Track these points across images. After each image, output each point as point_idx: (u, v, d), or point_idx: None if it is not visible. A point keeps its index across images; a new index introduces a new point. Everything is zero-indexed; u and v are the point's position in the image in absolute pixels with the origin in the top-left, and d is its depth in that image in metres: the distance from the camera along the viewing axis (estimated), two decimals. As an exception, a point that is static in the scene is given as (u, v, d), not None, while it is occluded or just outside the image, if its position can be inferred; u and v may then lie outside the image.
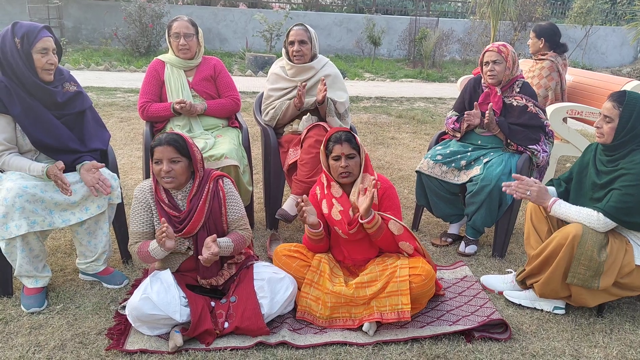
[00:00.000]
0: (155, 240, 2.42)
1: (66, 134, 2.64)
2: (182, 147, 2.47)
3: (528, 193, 2.65)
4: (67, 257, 3.10)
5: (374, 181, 2.52)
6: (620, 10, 16.06)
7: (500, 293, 2.91)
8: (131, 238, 2.56)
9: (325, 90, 3.25)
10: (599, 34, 14.49)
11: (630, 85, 4.13)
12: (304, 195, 2.64)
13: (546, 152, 3.28)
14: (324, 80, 3.28)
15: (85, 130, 2.75)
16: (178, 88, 3.31)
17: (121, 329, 2.44)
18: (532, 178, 2.70)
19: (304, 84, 3.31)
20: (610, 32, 14.98)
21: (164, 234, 2.33)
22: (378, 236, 2.62)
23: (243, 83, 9.18)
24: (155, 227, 2.54)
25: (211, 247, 2.38)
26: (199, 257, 2.41)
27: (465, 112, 3.32)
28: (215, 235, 2.44)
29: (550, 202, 2.64)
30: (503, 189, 2.73)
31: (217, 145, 3.22)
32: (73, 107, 2.71)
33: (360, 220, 2.57)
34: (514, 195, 2.70)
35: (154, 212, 2.53)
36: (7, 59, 2.48)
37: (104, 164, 2.66)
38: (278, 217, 3.23)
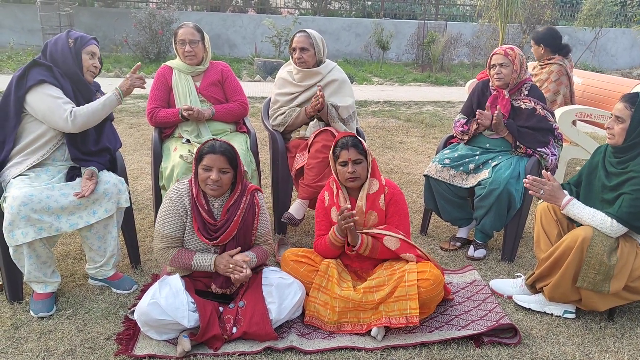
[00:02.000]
0: (200, 254, 2.51)
1: (90, 132, 2.79)
2: (233, 158, 2.50)
3: (541, 192, 2.63)
4: (76, 262, 3.13)
5: (348, 212, 2.52)
6: (631, 12, 15.94)
7: (510, 297, 2.89)
8: (160, 241, 2.53)
9: (323, 98, 3.26)
10: (609, 36, 14.38)
11: (639, 87, 4.09)
12: (348, 202, 2.69)
13: (555, 155, 3.26)
14: (320, 88, 3.29)
15: (104, 136, 2.89)
16: (186, 93, 3.33)
17: (130, 334, 2.45)
18: (546, 174, 2.66)
19: (319, 87, 3.32)
20: (620, 34, 14.87)
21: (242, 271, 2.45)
22: (374, 255, 2.67)
23: (252, 88, 9.21)
24: (187, 231, 2.54)
25: (246, 271, 2.45)
26: (232, 276, 2.47)
27: (478, 111, 3.29)
28: (247, 257, 2.51)
29: (565, 200, 2.62)
30: (524, 183, 2.68)
31: (225, 150, 3.23)
32: None
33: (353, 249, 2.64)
34: (528, 190, 2.66)
35: (188, 216, 2.53)
36: (58, 56, 2.73)
37: (97, 181, 2.69)
38: (284, 221, 3.24)
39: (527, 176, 2.66)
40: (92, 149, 2.77)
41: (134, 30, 11.34)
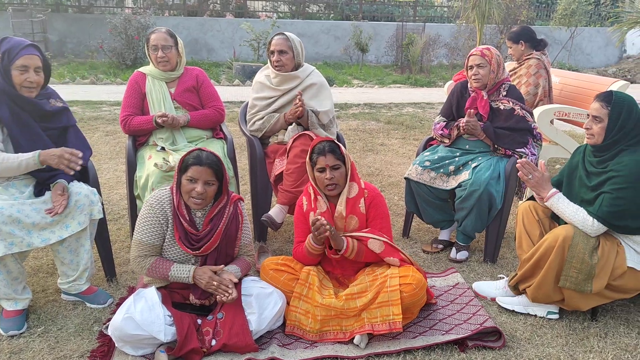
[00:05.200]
0: (178, 265, 2.42)
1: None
2: (219, 170, 2.43)
3: (530, 176, 2.61)
4: (49, 277, 3.02)
5: (325, 225, 2.47)
6: (604, 12, 16.20)
7: (493, 299, 2.87)
8: (138, 249, 2.45)
9: (302, 105, 3.21)
10: (584, 35, 14.59)
11: (616, 85, 4.12)
12: (318, 212, 2.64)
13: (535, 154, 3.25)
14: (300, 95, 3.24)
15: (68, 146, 2.68)
16: (160, 100, 3.25)
17: (104, 350, 2.37)
18: (541, 163, 2.65)
19: (299, 93, 3.26)
20: (594, 33, 15.09)
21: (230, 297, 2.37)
22: (359, 258, 2.62)
23: (231, 92, 9.14)
24: (167, 240, 2.46)
25: (233, 293, 2.38)
26: (217, 297, 2.39)
27: (465, 121, 3.25)
28: (235, 277, 2.44)
29: (550, 192, 2.60)
30: (517, 165, 2.65)
31: (202, 157, 3.16)
32: (59, 121, 2.70)
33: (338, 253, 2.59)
34: (519, 172, 2.64)
35: (169, 224, 2.46)
36: None
37: (68, 195, 2.55)
38: (264, 220, 3.17)
39: (519, 160, 2.64)
40: None
41: (109, 36, 11.16)
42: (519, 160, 2.64)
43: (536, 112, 4.14)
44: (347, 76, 12.06)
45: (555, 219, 2.74)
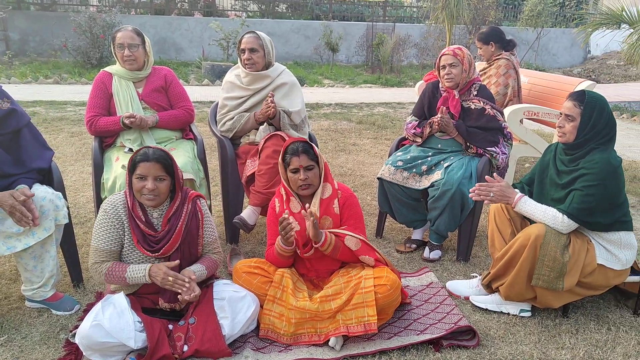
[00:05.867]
0: (134, 265, 2.33)
1: (1, 157, 2.44)
2: (168, 165, 2.35)
3: (491, 194, 2.63)
4: (12, 283, 2.91)
5: (311, 208, 2.47)
6: (569, 13, 16.59)
7: (467, 298, 2.88)
8: (95, 255, 2.38)
9: (274, 105, 3.17)
10: (550, 36, 14.90)
11: (583, 85, 4.20)
12: (286, 211, 2.58)
13: (505, 154, 3.28)
14: (271, 94, 3.20)
15: (23, 150, 2.56)
16: (127, 100, 3.16)
17: (72, 359, 2.28)
18: (494, 176, 2.67)
19: (271, 93, 3.22)
20: (560, 34, 15.44)
21: (192, 293, 2.30)
22: (335, 254, 2.58)
23: (200, 92, 9.01)
24: (125, 245, 2.39)
25: (194, 290, 2.31)
26: (179, 296, 2.31)
27: (438, 119, 3.26)
28: (193, 273, 2.36)
29: (516, 198, 2.62)
30: (470, 195, 2.70)
31: (171, 158, 3.08)
32: (7, 126, 2.52)
33: (313, 245, 2.53)
34: (481, 200, 2.67)
35: (126, 228, 2.38)
36: None
37: (33, 194, 2.42)
38: (236, 222, 3.11)
39: (472, 189, 2.67)
40: (12, 172, 2.48)
41: (73, 35, 10.87)
42: (470, 191, 2.69)
43: (506, 111, 4.19)
44: (317, 76, 12.04)
45: (527, 217, 2.77)
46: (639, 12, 8.29)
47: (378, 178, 3.41)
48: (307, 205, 2.51)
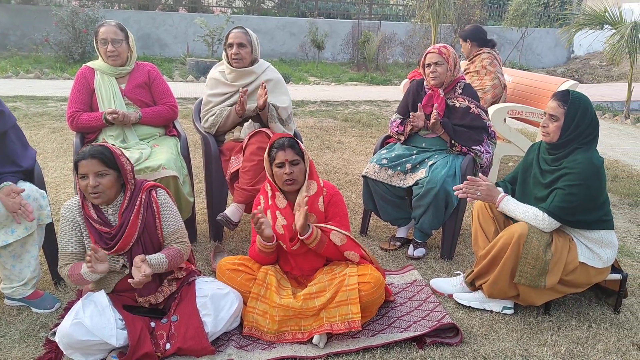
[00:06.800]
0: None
1: None
2: (108, 158, 2.29)
3: (478, 193, 2.65)
4: (-10, 281, 2.86)
5: (305, 198, 2.46)
6: (553, 13, 16.76)
7: (450, 296, 2.89)
8: (61, 260, 2.37)
9: (266, 95, 3.15)
10: (534, 35, 15.04)
11: (567, 84, 4.24)
12: (260, 206, 2.55)
13: (489, 152, 3.30)
14: (264, 84, 3.17)
15: (9, 150, 2.52)
16: (110, 96, 3.12)
17: (51, 357, 2.25)
18: (480, 176, 2.69)
19: (244, 89, 3.20)
20: (544, 34, 15.59)
21: (93, 258, 2.17)
22: (320, 249, 2.56)
23: (185, 89, 8.94)
24: (86, 246, 2.36)
25: (141, 268, 2.23)
26: (129, 280, 2.25)
27: (411, 114, 3.29)
28: (143, 255, 2.29)
29: (499, 197, 2.64)
30: (455, 193, 2.71)
31: (154, 155, 3.05)
32: None
33: (299, 237, 2.51)
34: (467, 198, 2.68)
35: (83, 230, 2.36)
36: None
37: (23, 189, 2.42)
38: (220, 220, 3.09)
39: (457, 187, 2.70)
40: (1, 171, 2.44)
41: (55, 29, 10.71)
42: (455, 188, 2.72)
43: (490, 110, 4.22)
44: (303, 73, 12.02)
45: (509, 216, 2.79)
46: (621, 14, 8.41)
47: (363, 176, 3.41)
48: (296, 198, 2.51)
